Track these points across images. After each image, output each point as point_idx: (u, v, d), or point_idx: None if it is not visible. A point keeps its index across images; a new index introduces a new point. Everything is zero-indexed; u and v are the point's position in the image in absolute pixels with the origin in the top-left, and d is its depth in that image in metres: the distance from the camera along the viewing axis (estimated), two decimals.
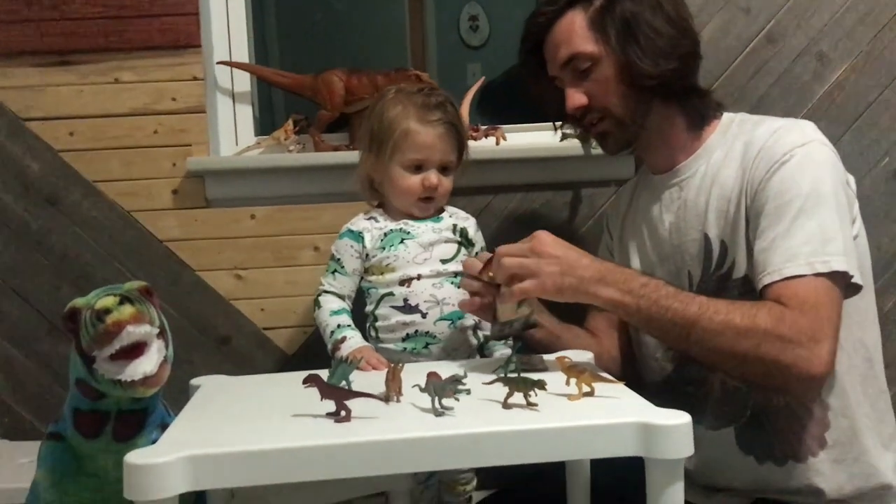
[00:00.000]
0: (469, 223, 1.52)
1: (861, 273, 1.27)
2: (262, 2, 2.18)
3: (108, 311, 1.03)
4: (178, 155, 1.83)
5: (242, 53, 1.94)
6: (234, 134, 1.93)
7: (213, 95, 1.89)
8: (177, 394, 1.23)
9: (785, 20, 1.88)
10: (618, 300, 1.22)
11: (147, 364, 1.06)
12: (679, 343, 1.25)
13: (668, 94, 1.38)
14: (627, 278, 1.23)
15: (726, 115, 1.43)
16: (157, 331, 1.09)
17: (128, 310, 1.04)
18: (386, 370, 1.09)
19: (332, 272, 1.47)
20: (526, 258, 1.22)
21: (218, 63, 1.88)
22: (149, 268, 1.84)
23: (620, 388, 1.07)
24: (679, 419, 0.92)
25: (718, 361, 1.24)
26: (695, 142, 1.42)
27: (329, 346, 1.42)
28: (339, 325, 1.43)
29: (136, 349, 1.06)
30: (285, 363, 1.86)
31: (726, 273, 1.33)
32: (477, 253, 1.51)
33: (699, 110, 1.42)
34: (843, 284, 1.23)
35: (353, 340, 1.40)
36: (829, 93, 1.89)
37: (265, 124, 2.02)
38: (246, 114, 1.95)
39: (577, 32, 1.38)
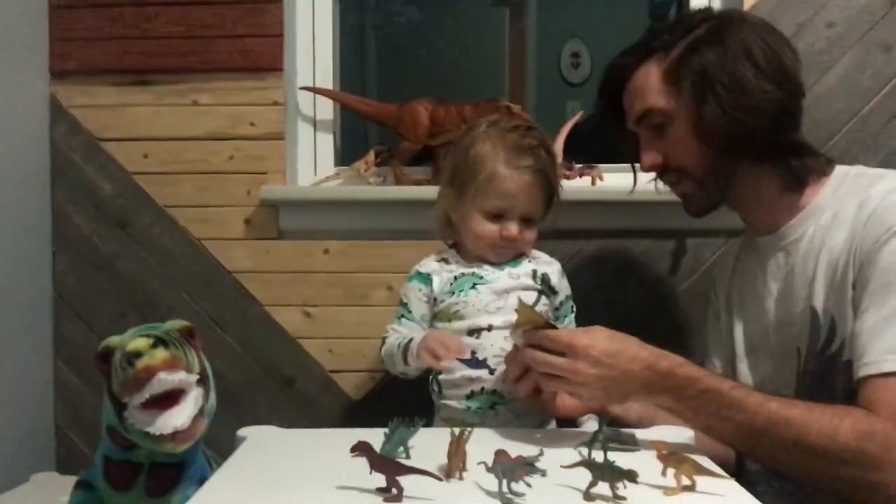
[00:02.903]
0: (553, 268, 1.37)
1: None
2: (363, 36, 2.11)
3: (139, 354, 0.93)
4: (252, 183, 1.75)
5: (327, 79, 1.85)
6: (313, 163, 1.84)
7: (293, 122, 1.80)
8: (232, 438, 1.12)
9: None
10: (671, 407, 1.11)
11: (179, 417, 0.95)
12: (744, 453, 1.16)
13: (758, 153, 1.22)
14: (683, 385, 1.08)
15: (839, 169, 1.25)
16: (195, 378, 0.98)
17: (161, 354, 0.93)
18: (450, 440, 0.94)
19: (400, 317, 1.36)
20: (568, 364, 1.06)
21: (301, 88, 1.80)
22: (215, 299, 1.75)
23: (728, 485, 0.90)
24: None
25: (789, 474, 1.12)
26: (798, 201, 1.24)
27: (400, 360, 1.28)
28: (404, 337, 1.30)
29: (169, 398, 0.95)
30: (350, 410, 1.74)
31: (834, 354, 1.16)
32: (561, 302, 1.37)
33: (797, 170, 1.23)
34: None
35: (419, 335, 1.27)
36: None
37: (353, 155, 1.91)
38: (327, 143, 1.86)
39: (651, 86, 1.26)
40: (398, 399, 1.30)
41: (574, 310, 1.40)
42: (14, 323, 1.65)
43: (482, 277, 1.32)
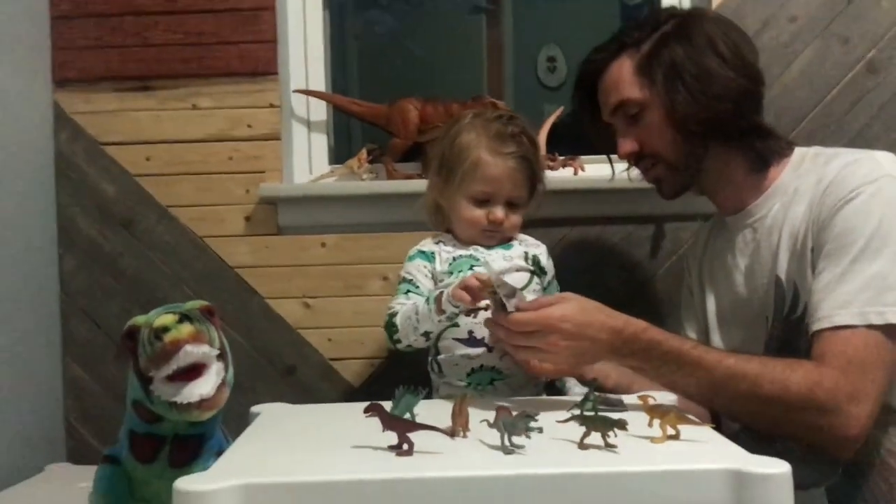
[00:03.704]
0: (540, 250, 1.46)
1: None
2: (343, 45, 2.18)
3: (166, 329, 1.00)
4: (251, 181, 1.82)
5: (319, 82, 1.93)
6: (308, 162, 1.91)
7: (288, 123, 1.88)
8: (237, 421, 1.18)
9: (888, 49, 1.77)
10: (636, 367, 1.21)
11: (204, 386, 1.02)
12: (705, 405, 1.25)
13: (725, 136, 1.32)
14: (647, 347, 1.17)
15: (798, 151, 1.36)
16: (216, 352, 1.05)
17: (187, 329, 1.01)
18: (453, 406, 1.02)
19: (405, 293, 1.39)
20: (541, 337, 1.15)
21: (294, 91, 1.87)
22: (218, 294, 1.82)
23: (708, 432, 0.99)
24: (777, 468, 0.83)
25: (748, 423, 1.22)
26: (762, 181, 1.35)
27: (426, 314, 1.29)
28: (426, 297, 1.32)
29: (193, 370, 1.02)
30: (351, 396, 1.81)
31: (799, 318, 1.26)
32: (549, 282, 1.45)
33: (761, 151, 1.34)
34: None
35: (448, 285, 1.29)
36: None
37: (341, 154, 1.99)
38: (321, 142, 1.93)
39: (624, 79, 1.35)
40: (396, 385, 1.34)
41: (559, 289, 1.47)
42: (24, 322, 1.71)
43: (479, 260, 1.38)
